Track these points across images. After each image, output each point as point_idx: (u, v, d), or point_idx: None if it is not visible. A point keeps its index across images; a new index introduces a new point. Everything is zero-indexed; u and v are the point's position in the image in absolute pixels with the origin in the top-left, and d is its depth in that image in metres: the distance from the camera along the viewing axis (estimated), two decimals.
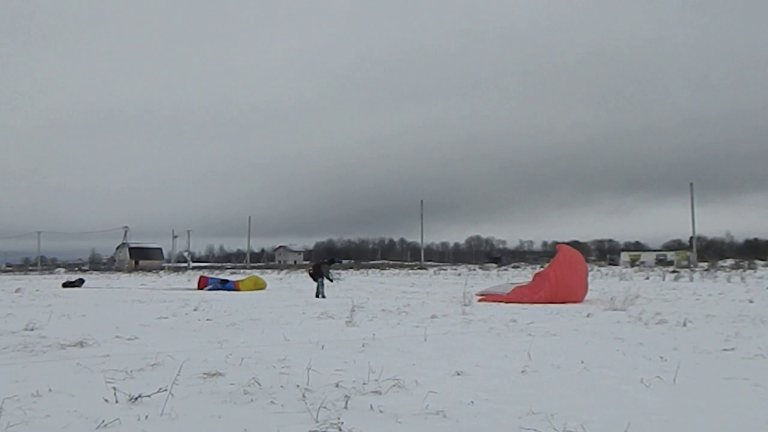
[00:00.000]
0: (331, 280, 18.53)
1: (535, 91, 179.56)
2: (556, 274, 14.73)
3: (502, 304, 14.37)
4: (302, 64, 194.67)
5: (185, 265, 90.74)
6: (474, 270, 53.24)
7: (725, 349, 6.93)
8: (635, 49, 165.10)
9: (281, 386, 4.87)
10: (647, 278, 31.32)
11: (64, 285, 27.18)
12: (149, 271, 69.17)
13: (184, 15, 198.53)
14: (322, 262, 18.77)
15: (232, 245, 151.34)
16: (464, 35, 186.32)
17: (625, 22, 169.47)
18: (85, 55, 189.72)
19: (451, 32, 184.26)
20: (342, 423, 3.76)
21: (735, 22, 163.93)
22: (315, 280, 17.90)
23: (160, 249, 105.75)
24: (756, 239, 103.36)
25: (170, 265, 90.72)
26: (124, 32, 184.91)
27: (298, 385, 4.86)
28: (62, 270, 73.54)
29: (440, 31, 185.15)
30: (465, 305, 13.22)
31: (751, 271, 40.68)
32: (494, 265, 72.72)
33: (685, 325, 9.40)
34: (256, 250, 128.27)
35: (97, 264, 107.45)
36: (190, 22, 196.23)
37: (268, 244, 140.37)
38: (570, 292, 14.60)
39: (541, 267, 53.72)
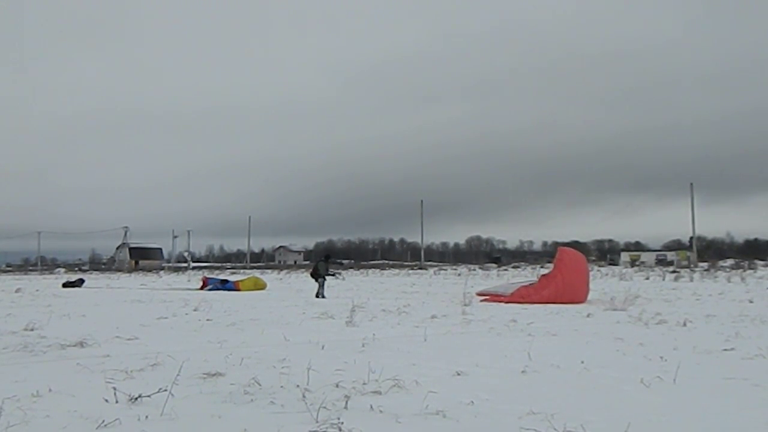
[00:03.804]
0: (333, 275, 18.40)
1: (545, 90, 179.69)
2: (563, 276, 14.76)
3: (502, 304, 14.38)
4: (320, 64, 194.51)
5: (185, 265, 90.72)
6: (474, 270, 53.24)
7: (725, 349, 6.93)
8: (646, 50, 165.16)
9: (281, 386, 4.87)
10: (647, 278, 31.31)
11: (64, 285, 27.19)
12: (149, 271, 69.16)
13: (191, 14, 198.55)
14: (320, 261, 18.76)
15: (232, 245, 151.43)
16: (478, 35, 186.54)
17: (636, 22, 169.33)
18: (86, 57, 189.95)
19: (466, 32, 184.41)
20: (342, 423, 3.76)
21: (741, 22, 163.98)
22: (316, 280, 17.90)
23: (160, 249, 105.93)
24: (756, 239, 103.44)
25: (170, 265, 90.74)
26: (127, 33, 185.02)
27: (298, 385, 4.86)
28: (62, 270, 73.49)
29: (456, 31, 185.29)
30: (465, 305, 13.22)
31: (751, 271, 40.66)
32: (494, 265, 72.70)
33: (685, 325, 9.40)
34: (256, 250, 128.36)
35: (97, 264, 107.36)
36: (198, 21, 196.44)
37: (268, 244, 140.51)
38: (574, 294, 14.64)
39: (542, 267, 53.85)
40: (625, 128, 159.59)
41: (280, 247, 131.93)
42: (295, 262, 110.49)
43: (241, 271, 60.56)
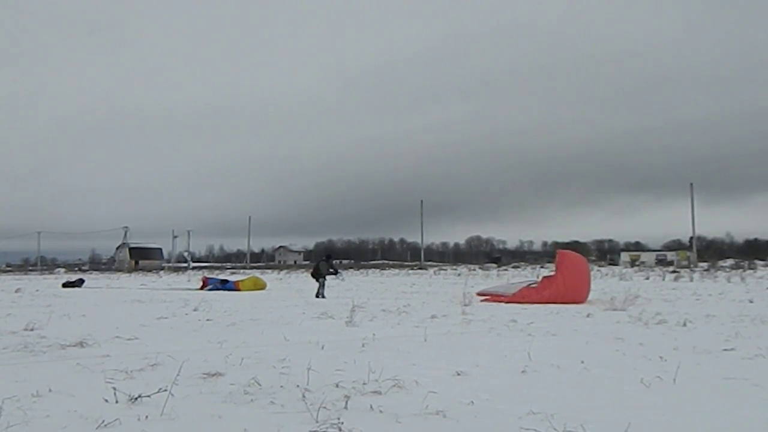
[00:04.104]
0: (335, 275, 18.32)
1: (545, 90, 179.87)
2: (565, 278, 14.79)
3: (503, 304, 14.39)
4: (321, 64, 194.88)
5: (185, 265, 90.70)
6: (474, 270, 53.24)
7: (725, 349, 6.93)
8: (646, 50, 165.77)
9: (281, 386, 4.87)
10: (647, 278, 31.31)
11: (64, 285, 27.17)
12: (149, 271, 69.16)
13: (191, 14, 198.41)
14: (321, 260, 18.74)
15: (232, 245, 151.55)
16: (479, 35, 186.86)
17: (637, 22, 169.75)
18: (86, 57, 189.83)
19: (466, 33, 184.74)
20: (342, 423, 3.76)
21: (741, 23, 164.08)
22: (317, 280, 17.88)
23: (160, 249, 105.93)
24: (756, 239, 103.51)
25: (170, 265, 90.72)
26: (127, 33, 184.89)
27: (298, 385, 4.86)
28: (62, 270, 73.47)
29: (457, 32, 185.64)
30: (465, 305, 13.22)
31: (751, 271, 40.68)
32: (494, 265, 72.71)
33: (685, 325, 9.40)
34: (256, 250, 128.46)
35: (97, 264, 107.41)
36: (198, 21, 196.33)
37: (268, 244, 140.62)
38: (577, 295, 14.67)
39: (542, 267, 53.82)
40: (626, 128, 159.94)
41: (280, 247, 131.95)
42: (295, 262, 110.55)
43: (241, 271, 60.56)
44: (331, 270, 18.14)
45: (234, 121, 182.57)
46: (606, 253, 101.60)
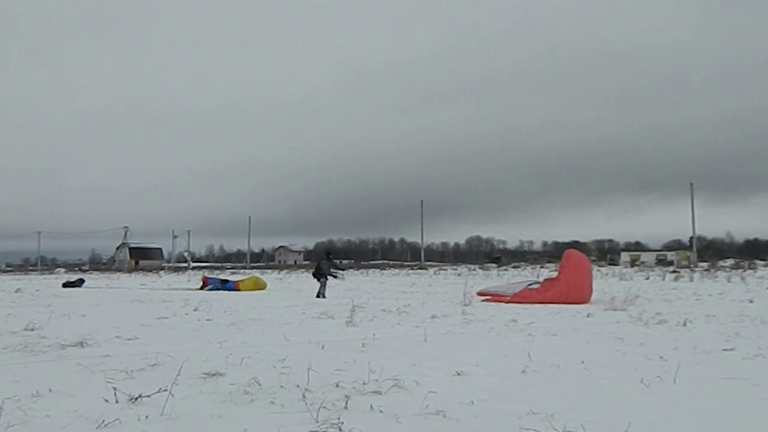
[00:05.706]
0: (336, 276, 18.31)
1: (551, 90, 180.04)
2: (567, 277, 14.79)
3: (503, 304, 14.39)
4: (326, 64, 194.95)
5: (185, 265, 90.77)
6: (474, 270, 53.23)
7: (725, 349, 6.93)
8: (654, 49, 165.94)
9: (281, 386, 4.87)
10: (647, 278, 31.31)
11: (64, 285, 27.16)
12: (149, 271, 69.13)
13: (197, 13, 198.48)
14: (322, 259, 18.71)
15: (232, 245, 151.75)
16: (487, 35, 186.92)
17: (645, 21, 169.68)
18: (88, 57, 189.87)
19: (474, 32, 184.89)
20: (342, 423, 3.76)
21: (748, 22, 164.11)
22: (318, 279, 17.87)
23: (160, 249, 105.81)
24: (756, 239, 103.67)
25: (170, 265, 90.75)
26: (131, 32, 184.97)
27: (298, 385, 4.86)
28: (62, 270, 73.45)
29: (464, 31, 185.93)
30: (465, 305, 13.21)
31: (751, 271, 40.69)
32: (494, 265, 72.73)
33: (685, 325, 9.41)
34: (256, 250, 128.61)
35: (97, 264, 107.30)
36: (203, 20, 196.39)
37: (268, 244, 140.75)
38: (579, 295, 14.67)
39: (542, 267, 53.82)
40: (630, 128, 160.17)
41: (280, 247, 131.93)
42: (295, 262, 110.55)
43: (241, 271, 60.54)
44: (333, 271, 18.14)
45: (235, 121, 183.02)
46: (606, 253, 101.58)
